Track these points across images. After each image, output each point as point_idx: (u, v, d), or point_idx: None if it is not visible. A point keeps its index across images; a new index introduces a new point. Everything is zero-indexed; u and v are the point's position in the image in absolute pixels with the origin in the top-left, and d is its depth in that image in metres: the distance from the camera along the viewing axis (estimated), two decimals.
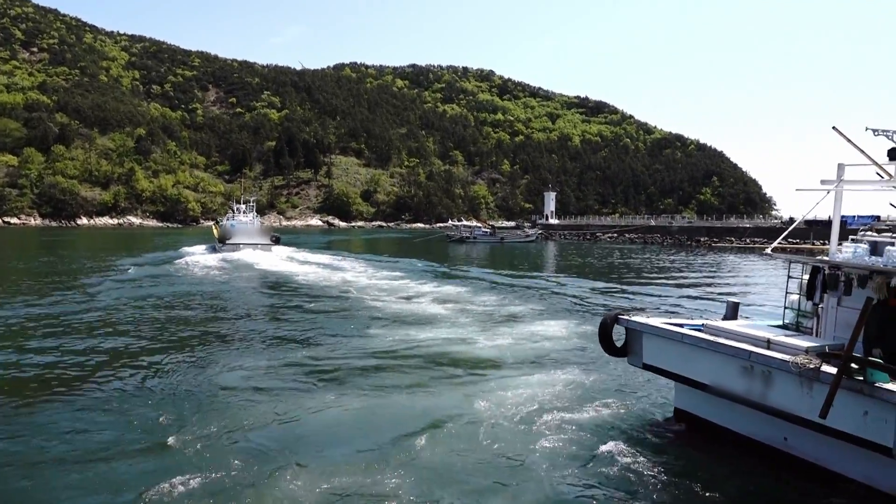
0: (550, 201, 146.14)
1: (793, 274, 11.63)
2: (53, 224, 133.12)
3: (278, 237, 68.28)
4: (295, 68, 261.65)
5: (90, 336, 18.88)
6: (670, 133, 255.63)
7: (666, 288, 35.52)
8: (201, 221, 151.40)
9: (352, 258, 55.44)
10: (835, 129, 10.70)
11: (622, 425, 11.38)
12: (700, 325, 11.03)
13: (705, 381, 9.97)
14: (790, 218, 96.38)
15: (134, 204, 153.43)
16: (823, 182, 10.87)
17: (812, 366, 7.98)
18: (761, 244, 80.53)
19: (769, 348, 9.21)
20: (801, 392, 8.35)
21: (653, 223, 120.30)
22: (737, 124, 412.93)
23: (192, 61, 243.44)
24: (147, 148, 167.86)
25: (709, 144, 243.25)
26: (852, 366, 7.73)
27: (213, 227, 78.27)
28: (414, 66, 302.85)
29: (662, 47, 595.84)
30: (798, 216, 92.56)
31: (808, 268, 10.93)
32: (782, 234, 11.61)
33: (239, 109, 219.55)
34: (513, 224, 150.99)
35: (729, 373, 9.41)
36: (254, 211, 73.88)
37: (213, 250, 59.94)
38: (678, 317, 14.03)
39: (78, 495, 8.51)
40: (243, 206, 72.94)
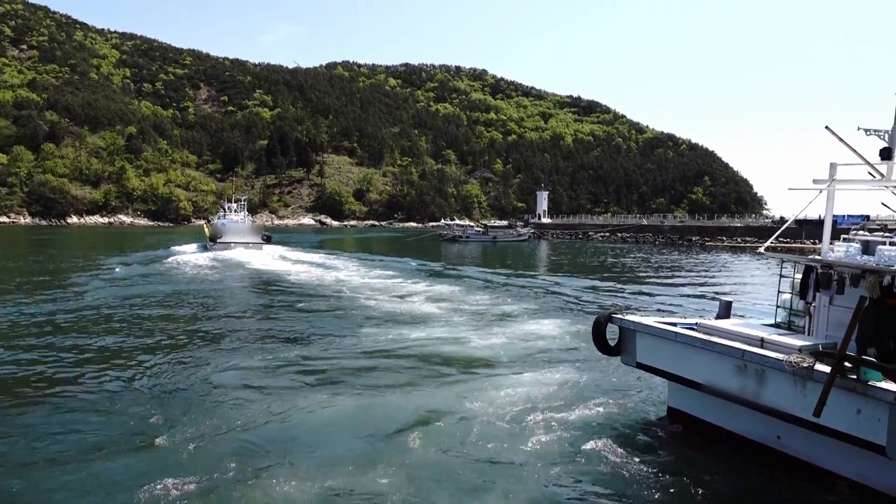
0: (543, 200, 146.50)
1: (785, 273, 11.67)
2: (43, 223, 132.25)
3: (269, 236, 68.37)
4: (287, 67, 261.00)
5: (80, 335, 18.73)
6: (662, 133, 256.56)
7: (658, 287, 35.63)
8: (193, 220, 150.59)
9: (344, 257, 55.36)
10: (827, 128, 10.73)
11: (615, 424, 11.38)
12: (693, 324, 11.05)
13: (699, 380, 9.98)
14: (781, 217, 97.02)
15: (125, 203, 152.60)
16: (816, 181, 10.90)
17: (805, 364, 8.00)
18: (752, 243, 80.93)
19: (763, 347, 9.23)
20: (795, 391, 8.36)
21: (645, 222, 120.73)
22: (728, 124, 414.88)
23: (183, 59, 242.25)
24: (138, 146, 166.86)
25: (700, 144, 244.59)
26: (846, 364, 7.75)
27: (205, 225, 78.21)
28: (406, 65, 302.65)
29: (655, 47, 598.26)
30: (789, 215, 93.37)
31: (801, 267, 10.96)
32: (775, 234, 11.64)
33: (231, 108, 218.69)
34: (505, 223, 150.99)
35: (722, 371, 9.42)
36: (245, 210, 74.17)
37: (204, 249, 59.94)
38: (671, 316, 14.07)
39: (69, 496, 8.43)
40: (235, 204, 73.16)
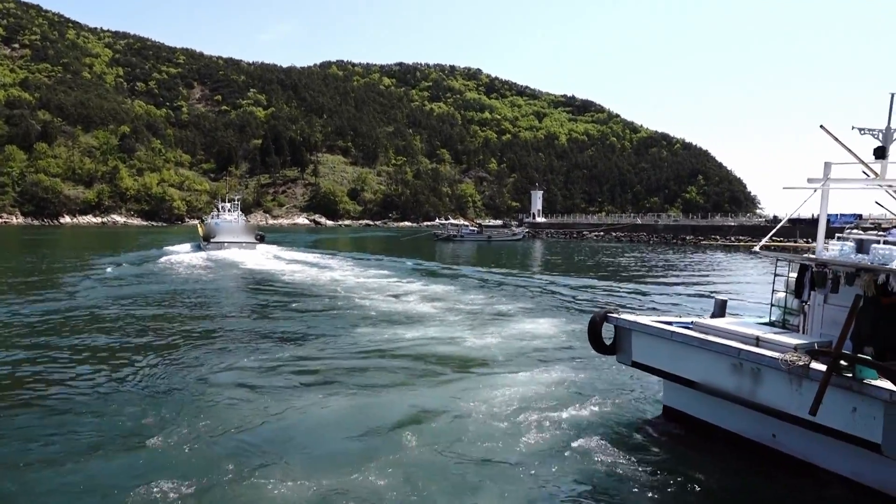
0: (537, 200, 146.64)
1: (779, 272, 11.69)
2: (36, 223, 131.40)
3: (263, 235, 68.60)
4: (281, 66, 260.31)
5: (72, 336, 18.60)
6: (656, 132, 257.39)
7: (653, 286, 35.69)
8: (186, 220, 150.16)
9: (339, 257, 55.27)
10: (822, 127, 10.76)
11: (611, 423, 11.39)
12: (689, 322, 11.05)
13: (694, 379, 9.99)
14: (774, 217, 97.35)
15: (118, 202, 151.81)
16: (810, 180, 10.92)
17: (801, 363, 8.00)
18: (746, 242, 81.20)
19: (758, 346, 9.24)
20: (791, 389, 8.37)
21: (639, 221, 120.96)
22: (723, 124, 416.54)
23: (177, 58, 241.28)
24: (131, 146, 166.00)
25: (694, 143, 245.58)
26: (841, 363, 7.76)
27: (199, 225, 78.19)
28: (401, 64, 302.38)
29: (649, 47, 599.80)
30: (782, 214, 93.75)
31: (796, 266, 10.98)
32: (770, 233, 11.65)
33: (224, 107, 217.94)
34: (500, 223, 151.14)
35: (718, 370, 9.42)
36: (238, 209, 74.37)
37: (198, 249, 59.97)
38: (667, 314, 14.07)
39: (64, 498, 8.36)
40: (228, 204, 73.28)
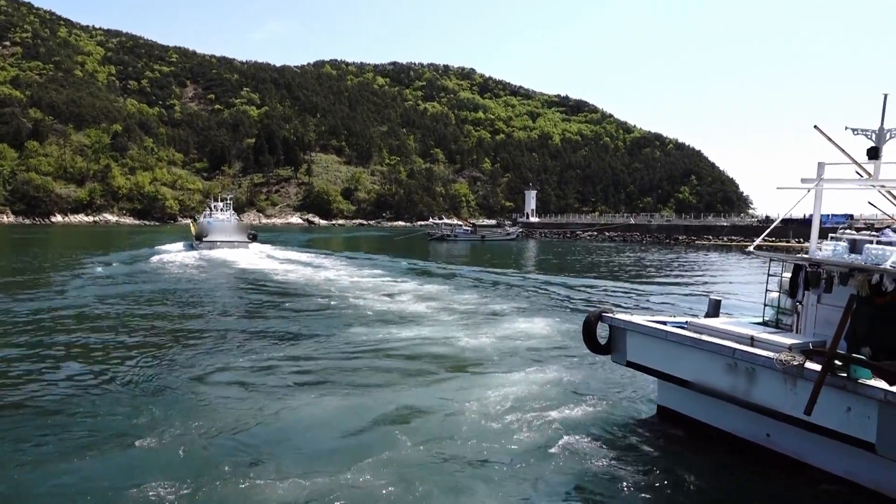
0: (531, 200, 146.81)
1: (773, 271, 11.72)
2: (27, 222, 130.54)
3: (255, 234, 68.75)
4: (275, 65, 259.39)
5: (63, 336, 18.46)
6: (649, 132, 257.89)
7: (647, 286, 35.76)
8: (179, 219, 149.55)
9: (333, 256, 55.17)
10: (816, 127, 10.78)
11: (605, 423, 11.38)
12: (683, 322, 11.07)
13: (689, 379, 10.01)
14: (766, 217, 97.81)
15: (110, 201, 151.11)
16: (804, 180, 10.94)
17: (796, 363, 8.02)
18: (738, 242, 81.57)
19: (753, 345, 9.25)
20: (785, 389, 8.39)
21: (632, 221, 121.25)
22: (715, 123, 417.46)
23: (169, 57, 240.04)
24: (123, 144, 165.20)
25: (687, 144, 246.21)
26: (836, 362, 7.78)
27: (191, 224, 78.08)
28: (395, 63, 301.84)
29: (643, 47, 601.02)
30: (775, 215, 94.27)
31: (789, 266, 11.01)
32: (763, 233, 11.70)
33: (218, 106, 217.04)
34: (494, 222, 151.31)
35: (713, 370, 9.44)
36: (231, 208, 74.60)
37: (190, 248, 59.84)
38: (661, 314, 14.09)
39: (54, 499, 8.27)
40: (220, 203, 73.34)
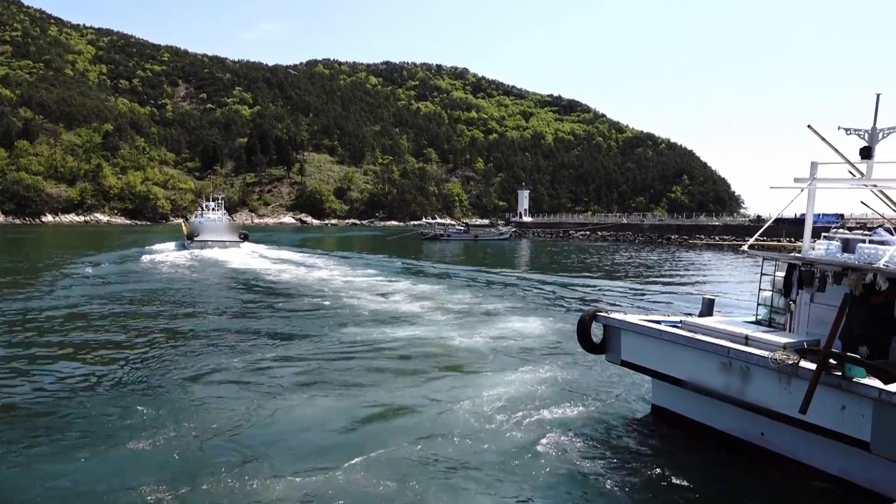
0: (524, 199, 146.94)
1: (766, 271, 11.74)
2: (17, 221, 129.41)
3: (246, 234, 68.77)
4: (267, 64, 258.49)
5: (53, 336, 18.29)
6: (642, 132, 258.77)
7: (640, 285, 35.85)
8: (171, 219, 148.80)
9: (325, 256, 55.05)
10: (810, 127, 10.81)
11: (599, 422, 11.38)
12: (678, 321, 11.07)
13: (683, 378, 10.00)
14: (758, 216, 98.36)
15: (101, 201, 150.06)
16: (797, 180, 10.96)
17: (790, 362, 8.02)
18: (730, 241, 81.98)
19: (747, 344, 9.26)
20: (780, 388, 8.40)
21: (625, 221, 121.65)
22: (708, 123, 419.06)
23: (161, 56, 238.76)
24: (115, 144, 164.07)
25: (679, 143, 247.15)
26: (831, 361, 7.79)
27: (183, 224, 77.95)
28: (388, 63, 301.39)
29: (636, 47, 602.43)
30: (766, 214, 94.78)
31: (783, 265, 11.03)
32: (757, 232, 11.72)
33: (210, 105, 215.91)
34: (487, 222, 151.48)
35: (707, 369, 9.44)
36: (222, 208, 74.67)
37: (182, 248, 59.72)
38: (655, 313, 14.10)
39: (45, 501, 8.19)
40: (212, 203, 73.34)
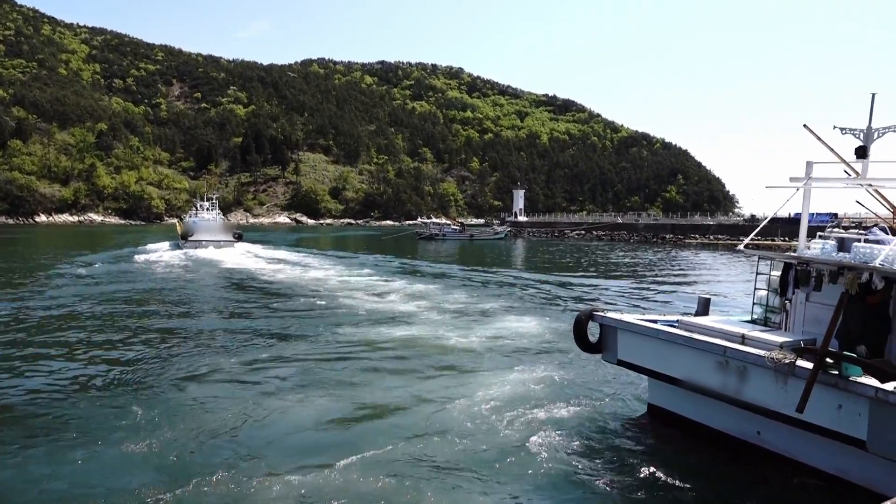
0: (519, 199, 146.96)
1: (761, 270, 11.74)
2: (10, 221, 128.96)
3: (241, 234, 68.79)
4: (262, 63, 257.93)
5: (47, 337, 18.18)
6: (636, 131, 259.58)
7: (636, 284, 35.86)
8: (165, 219, 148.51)
9: (321, 256, 54.97)
10: (805, 126, 10.81)
11: (596, 421, 11.36)
12: (674, 321, 11.07)
13: (680, 377, 10.00)
14: (752, 216, 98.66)
15: (95, 201, 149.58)
16: (793, 179, 10.97)
17: (787, 361, 8.03)
18: (725, 241, 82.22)
19: (744, 344, 9.26)
20: (777, 387, 8.40)
21: (620, 220, 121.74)
22: (701, 123, 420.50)
23: (155, 55, 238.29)
24: (109, 143, 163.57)
25: (674, 143, 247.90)
26: (827, 360, 7.80)
27: (177, 223, 77.90)
28: (383, 62, 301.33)
29: (632, 47, 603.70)
30: (760, 213, 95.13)
31: (778, 264, 11.03)
32: (754, 231, 11.73)
33: (204, 105, 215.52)
34: (482, 221, 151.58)
35: (704, 368, 9.44)
36: (217, 208, 74.65)
37: (176, 247, 59.63)
38: (651, 313, 14.10)
39: (40, 501, 8.15)
40: (206, 202, 73.29)
